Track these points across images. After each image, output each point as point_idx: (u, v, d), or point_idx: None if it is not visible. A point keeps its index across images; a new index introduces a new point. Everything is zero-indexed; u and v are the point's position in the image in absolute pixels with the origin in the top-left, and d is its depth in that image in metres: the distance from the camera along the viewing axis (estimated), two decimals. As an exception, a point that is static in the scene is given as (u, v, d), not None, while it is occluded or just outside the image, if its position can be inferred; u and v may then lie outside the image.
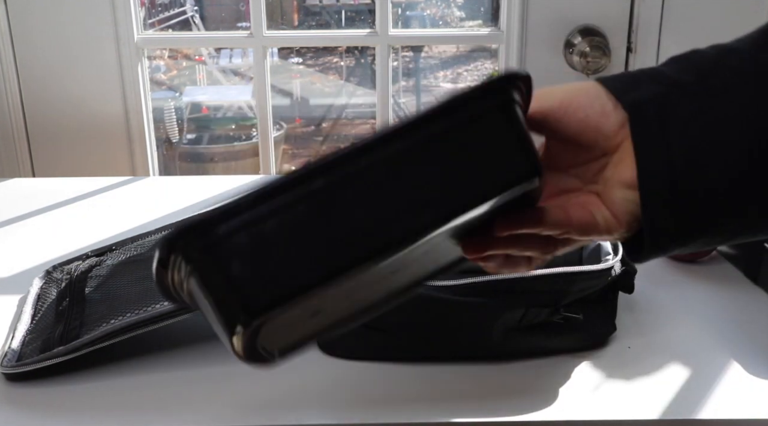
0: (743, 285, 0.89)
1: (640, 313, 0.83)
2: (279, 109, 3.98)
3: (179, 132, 3.48)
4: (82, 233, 1.03)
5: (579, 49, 1.31)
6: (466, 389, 0.71)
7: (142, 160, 1.45)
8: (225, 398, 0.70)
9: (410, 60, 4.78)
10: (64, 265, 0.91)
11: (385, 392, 0.71)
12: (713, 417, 0.68)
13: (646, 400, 0.70)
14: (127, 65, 1.39)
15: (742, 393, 0.71)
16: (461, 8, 4.62)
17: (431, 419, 0.68)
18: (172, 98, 3.70)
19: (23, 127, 1.43)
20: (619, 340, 0.78)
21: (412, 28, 4.44)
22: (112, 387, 0.72)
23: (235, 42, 2.15)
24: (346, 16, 4.59)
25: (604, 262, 0.73)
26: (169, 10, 4.05)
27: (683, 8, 1.31)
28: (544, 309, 0.72)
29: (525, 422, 0.68)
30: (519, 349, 0.75)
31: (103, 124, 1.42)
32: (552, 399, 0.70)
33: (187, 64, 4.39)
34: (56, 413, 0.69)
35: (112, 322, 0.74)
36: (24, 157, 1.44)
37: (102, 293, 0.82)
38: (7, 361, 0.74)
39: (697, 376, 0.73)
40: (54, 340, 0.75)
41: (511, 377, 0.73)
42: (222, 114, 3.80)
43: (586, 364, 0.75)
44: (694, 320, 0.82)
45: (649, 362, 0.75)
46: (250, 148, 3.32)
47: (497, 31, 1.40)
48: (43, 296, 0.85)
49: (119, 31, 1.37)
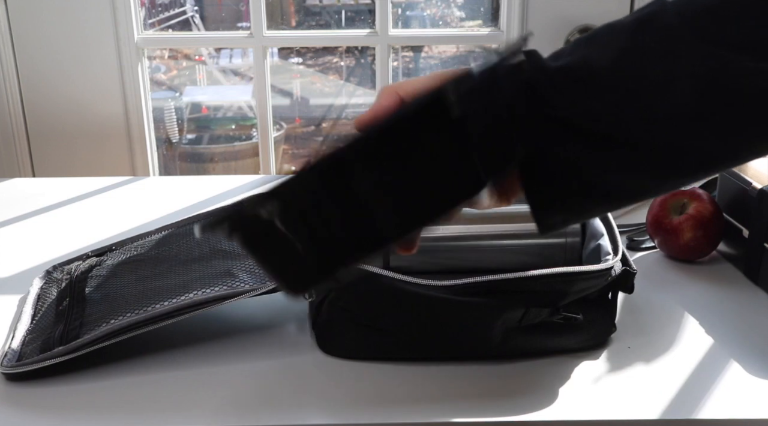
0: (743, 285, 0.89)
1: (640, 313, 0.83)
2: (279, 109, 3.97)
3: (179, 132, 3.47)
4: (82, 233, 1.03)
5: (579, 49, 1.31)
6: (466, 389, 0.71)
7: (142, 160, 1.45)
8: (225, 398, 0.70)
9: (410, 60, 4.78)
10: (64, 265, 0.91)
11: (385, 392, 0.71)
12: (713, 417, 0.68)
13: (646, 400, 0.70)
14: (127, 65, 1.39)
15: (742, 393, 0.71)
16: (461, 8, 4.62)
17: (431, 419, 0.68)
18: (172, 98, 3.69)
19: (23, 127, 1.43)
20: (619, 340, 0.78)
21: (412, 28, 4.44)
22: (112, 387, 0.72)
23: (235, 42, 2.15)
24: (346, 16, 4.59)
25: (604, 262, 0.73)
26: (169, 10, 4.04)
27: (683, 8, 1.31)
28: (544, 309, 0.72)
29: (525, 422, 0.68)
30: (519, 349, 0.75)
31: (103, 124, 1.42)
32: (552, 399, 0.70)
33: (187, 64, 4.39)
34: (56, 413, 0.69)
35: (112, 322, 0.74)
36: (24, 157, 1.44)
37: (102, 293, 0.82)
38: (7, 361, 0.74)
39: (697, 376, 0.73)
40: (54, 340, 0.75)
41: (511, 377, 0.73)
42: (222, 114, 3.80)
43: (586, 364, 0.75)
44: (694, 320, 0.82)
45: (649, 362, 0.75)
46: (250, 148, 3.31)
47: (497, 31, 1.40)
48: (43, 296, 0.85)
49: (119, 31, 1.37)
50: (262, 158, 1.50)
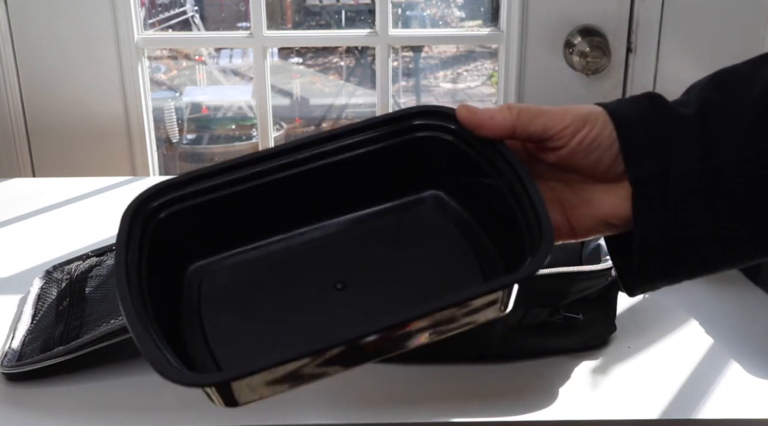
0: (743, 285, 0.89)
1: (640, 313, 0.83)
2: (279, 109, 3.97)
3: (179, 132, 3.47)
4: (82, 233, 1.03)
5: (579, 49, 1.31)
6: (466, 389, 0.71)
7: (142, 160, 1.45)
8: (225, 398, 0.70)
9: (410, 60, 4.77)
10: (65, 265, 0.91)
11: (385, 392, 0.71)
12: (713, 417, 0.68)
13: (646, 400, 0.70)
14: (127, 65, 1.39)
15: (742, 393, 0.71)
16: (461, 8, 4.62)
17: (431, 419, 0.68)
18: (172, 98, 3.69)
19: (23, 127, 1.42)
20: (619, 340, 0.78)
21: (412, 28, 4.44)
22: (112, 387, 0.72)
23: (235, 42, 2.15)
24: (346, 16, 4.58)
25: (604, 262, 0.73)
26: (169, 10, 4.04)
27: (683, 8, 1.31)
28: (544, 309, 0.72)
29: (525, 422, 0.68)
30: (519, 349, 0.74)
31: (103, 124, 1.42)
32: (552, 399, 0.70)
33: (187, 64, 4.39)
34: (56, 413, 0.69)
35: (113, 322, 0.74)
36: (24, 157, 1.44)
37: (102, 293, 0.82)
38: (7, 361, 0.74)
39: (697, 376, 0.73)
40: (54, 340, 0.75)
41: (511, 377, 0.73)
42: (222, 114, 3.80)
43: (586, 364, 0.75)
44: (694, 320, 0.82)
45: (649, 362, 0.75)
46: (250, 148, 3.31)
47: (497, 31, 1.40)
48: (43, 296, 0.85)
49: (119, 31, 1.37)
50: (262, 158, 1.50)
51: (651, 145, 0.47)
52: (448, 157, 0.49)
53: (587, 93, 1.36)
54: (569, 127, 0.47)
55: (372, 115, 2.50)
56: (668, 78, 1.32)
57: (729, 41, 1.31)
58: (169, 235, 0.47)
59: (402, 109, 0.50)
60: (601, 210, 0.48)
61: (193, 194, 0.48)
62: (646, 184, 0.46)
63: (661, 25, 1.31)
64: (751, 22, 1.30)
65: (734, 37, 1.31)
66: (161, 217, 0.47)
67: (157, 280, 0.45)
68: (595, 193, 0.49)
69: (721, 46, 1.31)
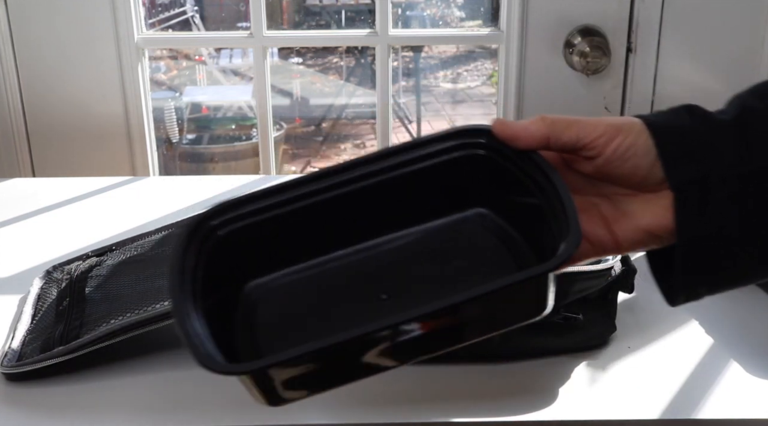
0: (743, 285, 0.89)
1: (640, 313, 0.83)
2: (279, 109, 3.97)
3: (179, 132, 3.47)
4: (82, 233, 1.03)
5: (579, 49, 1.31)
6: (467, 389, 0.71)
7: (142, 160, 1.45)
8: (225, 398, 0.70)
9: (410, 60, 4.78)
10: (64, 265, 0.91)
11: (385, 392, 0.71)
12: (713, 417, 0.68)
13: (646, 400, 0.70)
14: (127, 65, 1.39)
15: (742, 393, 0.71)
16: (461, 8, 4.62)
17: (431, 419, 0.68)
18: (172, 98, 3.69)
19: (23, 127, 1.42)
20: (619, 340, 0.78)
21: (412, 28, 4.44)
22: (112, 387, 0.72)
23: (235, 42, 2.15)
24: (346, 16, 4.59)
25: (604, 262, 0.73)
26: (169, 10, 4.04)
27: (683, 8, 1.31)
28: (544, 309, 0.72)
29: (525, 422, 0.68)
30: (519, 349, 0.74)
31: (103, 124, 1.42)
32: (552, 399, 0.70)
33: (187, 64, 4.39)
34: (56, 413, 0.69)
35: (113, 322, 0.74)
36: (24, 157, 1.44)
37: (102, 293, 0.82)
38: (7, 361, 0.74)
39: (697, 376, 0.73)
40: (54, 340, 0.75)
41: (511, 377, 0.73)
42: (222, 114, 3.80)
43: (586, 364, 0.75)
44: (694, 320, 0.82)
45: (649, 362, 0.75)
46: (250, 148, 3.31)
47: (497, 31, 1.40)
48: (43, 296, 0.85)
49: (119, 31, 1.37)
50: (262, 158, 1.50)
51: (689, 150, 0.47)
52: (486, 172, 0.51)
53: (587, 93, 1.36)
54: (603, 135, 0.47)
55: (372, 114, 2.49)
56: (668, 78, 1.32)
57: (729, 41, 1.31)
58: (226, 253, 0.49)
59: (443, 131, 0.52)
60: (644, 221, 0.48)
61: (251, 213, 0.50)
62: (686, 190, 0.47)
63: (661, 25, 1.31)
64: (751, 22, 1.30)
65: (734, 37, 1.31)
66: (219, 235, 0.49)
67: (213, 300, 0.47)
68: (636, 204, 0.49)
69: (721, 46, 1.31)
